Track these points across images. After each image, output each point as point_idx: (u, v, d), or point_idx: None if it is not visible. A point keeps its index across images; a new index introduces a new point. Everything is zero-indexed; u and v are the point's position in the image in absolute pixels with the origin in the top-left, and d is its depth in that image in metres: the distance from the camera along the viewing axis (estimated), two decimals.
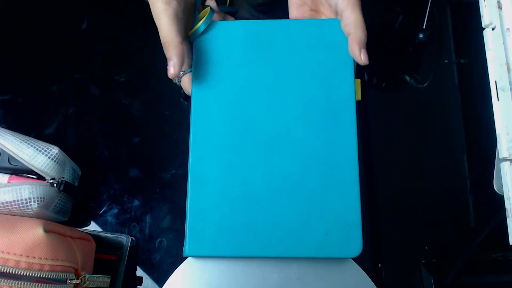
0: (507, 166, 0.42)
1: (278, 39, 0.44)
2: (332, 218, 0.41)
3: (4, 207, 0.41)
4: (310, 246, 0.40)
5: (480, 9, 0.44)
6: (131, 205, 0.49)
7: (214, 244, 0.41)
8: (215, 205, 0.41)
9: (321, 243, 0.40)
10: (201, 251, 0.41)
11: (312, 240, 0.40)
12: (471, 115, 0.51)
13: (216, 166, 0.42)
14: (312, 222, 0.41)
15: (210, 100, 0.43)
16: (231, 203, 0.41)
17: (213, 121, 0.43)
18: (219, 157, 0.42)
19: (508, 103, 0.42)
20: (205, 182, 0.42)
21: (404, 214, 0.48)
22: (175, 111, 0.52)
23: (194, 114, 0.43)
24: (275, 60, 0.44)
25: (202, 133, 0.42)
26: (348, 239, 0.40)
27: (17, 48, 0.55)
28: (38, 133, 0.51)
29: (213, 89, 0.43)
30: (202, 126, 0.43)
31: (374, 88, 0.53)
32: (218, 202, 0.41)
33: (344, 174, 0.41)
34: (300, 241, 0.40)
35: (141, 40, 0.54)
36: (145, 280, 0.47)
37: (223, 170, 0.42)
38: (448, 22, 0.54)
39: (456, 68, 0.53)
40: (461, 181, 0.49)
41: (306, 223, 0.41)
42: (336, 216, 0.41)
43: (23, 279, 0.36)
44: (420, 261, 0.47)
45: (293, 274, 0.45)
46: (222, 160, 0.42)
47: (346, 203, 0.41)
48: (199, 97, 0.43)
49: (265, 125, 0.43)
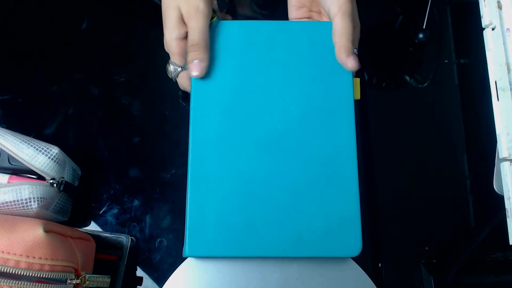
0: (507, 166, 0.42)
1: (276, 40, 0.44)
2: (332, 218, 0.41)
3: (4, 207, 0.41)
4: (310, 245, 0.40)
5: (480, 9, 0.44)
6: (131, 205, 0.49)
7: (214, 244, 0.41)
8: (215, 205, 0.41)
9: (321, 242, 0.40)
10: (201, 252, 0.41)
11: (312, 239, 0.40)
12: (471, 115, 0.51)
13: (216, 166, 0.42)
14: (312, 222, 0.41)
15: (210, 99, 0.43)
16: (230, 203, 0.41)
17: (213, 121, 0.43)
18: (218, 156, 0.42)
19: (508, 103, 0.42)
20: (204, 182, 0.41)
21: (404, 214, 0.48)
22: (175, 111, 0.52)
23: (193, 114, 0.43)
24: (274, 60, 0.44)
25: (201, 133, 0.42)
26: (348, 238, 0.40)
27: (17, 48, 0.55)
28: (38, 133, 0.51)
29: (212, 88, 0.43)
30: (201, 125, 0.42)
31: (374, 88, 0.53)
32: (217, 202, 0.41)
33: (343, 174, 0.41)
34: (300, 241, 0.40)
35: (141, 40, 0.54)
36: (145, 280, 0.47)
37: (222, 170, 0.42)
38: (448, 22, 0.54)
39: (456, 68, 0.53)
40: (461, 181, 0.49)
41: (305, 223, 0.41)
42: (335, 215, 0.41)
43: (23, 279, 0.36)
44: (420, 261, 0.47)
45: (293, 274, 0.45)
46: (221, 159, 0.42)
47: (345, 202, 0.41)
48: (199, 97, 0.43)
49: (264, 125, 0.42)
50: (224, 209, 0.41)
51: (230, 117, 0.43)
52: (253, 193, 0.41)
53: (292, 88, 0.43)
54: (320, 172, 0.41)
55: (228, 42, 0.44)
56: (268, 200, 0.41)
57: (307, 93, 0.43)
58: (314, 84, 0.43)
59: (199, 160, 0.42)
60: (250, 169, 0.42)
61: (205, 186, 0.41)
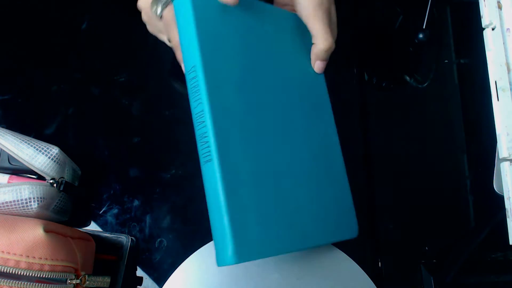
0: (507, 166, 0.42)
1: (262, 24, 0.43)
2: (330, 208, 0.42)
3: (4, 207, 0.41)
4: (319, 235, 0.41)
5: (480, 9, 0.44)
6: (131, 205, 0.49)
7: (261, 245, 0.36)
8: (254, 204, 0.37)
9: (324, 231, 0.42)
10: (250, 256, 0.36)
11: (317, 229, 0.41)
12: (471, 115, 0.51)
13: (246, 160, 0.37)
14: (316, 213, 0.41)
15: (223, 78, 0.39)
16: (265, 200, 0.38)
17: (233, 103, 0.38)
18: (246, 150, 0.38)
19: (508, 103, 0.42)
20: (240, 179, 0.37)
21: (404, 214, 0.48)
22: (175, 111, 0.52)
23: (209, 85, 0.37)
24: (256, 44, 0.42)
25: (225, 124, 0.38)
26: (346, 223, 0.44)
27: (17, 48, 0.55)
28: (38, 133, 0.51)
29: (222, 63, 0.39)
30: (222, 105, 0.38)
31: (374, 88, 0.53)
32: (255, 200, 0.37)
33: (333, 165, 0.44)
34: (311, 232, 0.41)
35: (141, 40, 0.54)
36: (145, 280, 0.47)
37: (252, 165, 0.38)
38: (448, 22, 0.54)
39: (456, 68, 0.53)
40: (461, 181, 0.49)
41: (312, 214, 0.41)
42: (332, 205, 0.43)
43: (23, 279, 0.36)
44: (420, 261, 0.47)
45: (293, 274, 0.45)
46: (249, 152, 0.38)
47: (339, 192, 0.44)
48: (211, 70, 0.38)
49: (268, 118, 0.41)
50: (262, 207, 0.37)
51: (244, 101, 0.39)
52: (277, 188, 0.39)
53: (274, 79, 0.42)
54: (312, 164, 0.43)
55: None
56: (284, 194, 0.40)
57: (288, 85, 0.43)
58: (294, 76, 0.44)
59: (229, 152, 0.37)
60: (269, 164, 0.39)
61: (241, 184, 0.37)
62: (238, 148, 0.37)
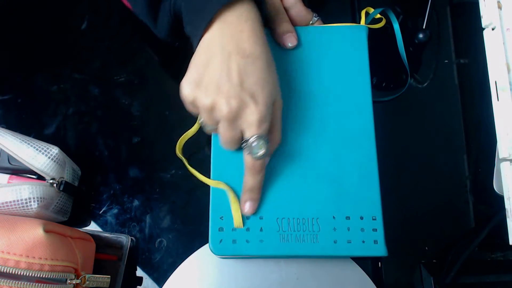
0: (507, 166, 0.42)
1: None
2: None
3: (4, 207, 0.41)
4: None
5: (480, 9, 0.44)
6: (131, 205, 0.49)
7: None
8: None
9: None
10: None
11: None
12: (471, 115, 0.51)
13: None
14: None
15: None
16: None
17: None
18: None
19: (508, 103, 0.42)
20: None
21: (404, 214, 0.48)
22: (175, 111, 0.52)
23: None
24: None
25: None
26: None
27: (17, 48, 0.55)
28: (38, 133, 0.51)
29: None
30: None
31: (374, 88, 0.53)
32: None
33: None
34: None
35: (141, 40, 0.54)
36: (145, 280, 0.47)
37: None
38: (448, 22, 0.54)
39: (456, 68, 0.53)
40: (461, 181, 0.49)
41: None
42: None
43: (23, 279, 0.36)
44: (420, 261, 0.47)
45: (293, 274, 0.45)
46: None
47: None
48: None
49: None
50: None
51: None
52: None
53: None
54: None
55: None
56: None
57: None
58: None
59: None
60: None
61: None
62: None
